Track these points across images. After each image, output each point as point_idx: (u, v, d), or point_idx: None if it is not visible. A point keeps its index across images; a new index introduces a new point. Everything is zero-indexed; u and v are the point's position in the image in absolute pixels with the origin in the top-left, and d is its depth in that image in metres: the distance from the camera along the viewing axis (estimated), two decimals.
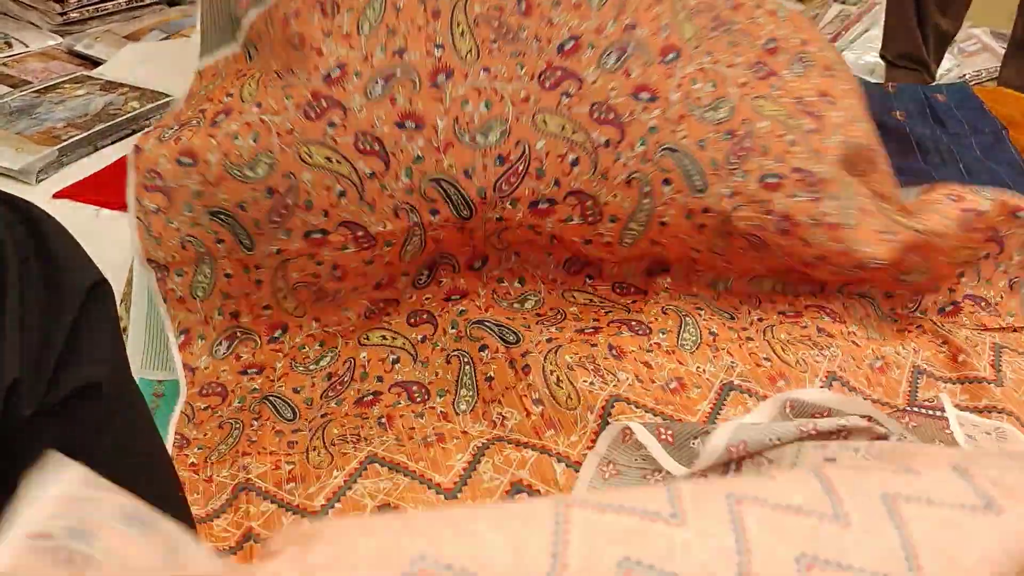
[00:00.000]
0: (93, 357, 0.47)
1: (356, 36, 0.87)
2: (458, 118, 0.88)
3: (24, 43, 1.76)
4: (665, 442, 0.75)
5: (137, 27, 1.87)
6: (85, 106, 1.47)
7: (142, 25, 1.88)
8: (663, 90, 0.90)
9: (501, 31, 0.90)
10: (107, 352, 0.49)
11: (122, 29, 1.86)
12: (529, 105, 0.90)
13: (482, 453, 0.81)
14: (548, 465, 0.80)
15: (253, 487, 0.79)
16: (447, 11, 0.89)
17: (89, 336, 0.47)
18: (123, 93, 1.52)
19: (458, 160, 0.89)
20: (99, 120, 1.43)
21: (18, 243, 0.46)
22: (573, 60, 0.89)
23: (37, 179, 1.28)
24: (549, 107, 0.90)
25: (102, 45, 1.76)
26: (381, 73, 0.87)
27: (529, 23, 0.90)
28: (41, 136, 1.36)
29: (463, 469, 0.80)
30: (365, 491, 0.78)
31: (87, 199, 1.25)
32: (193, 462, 0.83)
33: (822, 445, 0.67)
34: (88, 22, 1.87)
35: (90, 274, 0.49)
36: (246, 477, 0.80)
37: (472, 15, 0.89)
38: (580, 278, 1.03)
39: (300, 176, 0.88)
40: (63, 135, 1.37)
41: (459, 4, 0.89)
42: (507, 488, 0.78)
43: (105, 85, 1.55)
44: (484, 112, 0.89)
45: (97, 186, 1.28)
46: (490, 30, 0.90)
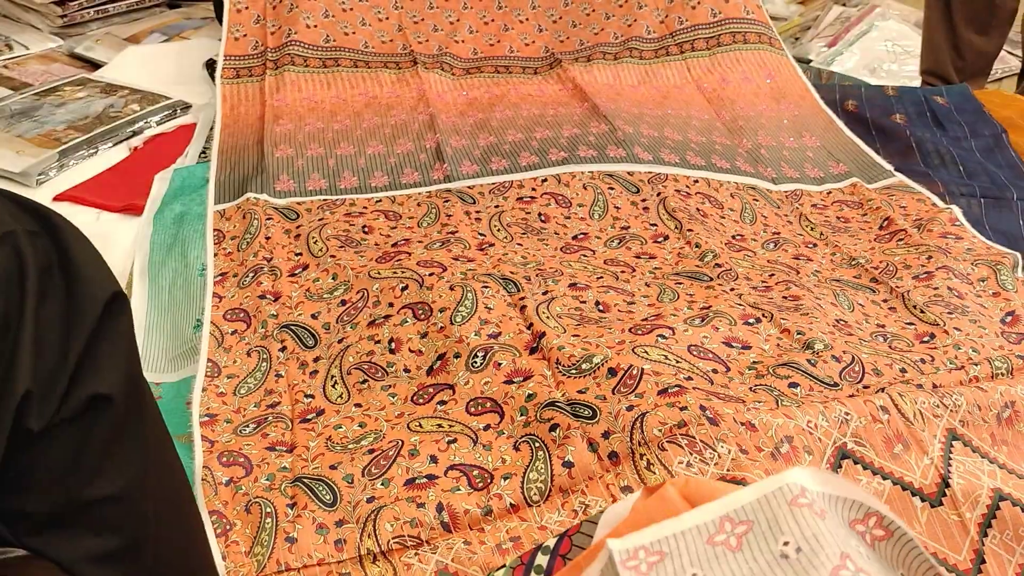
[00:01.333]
0: (107, 371, 0.47)
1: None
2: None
3: (25, 46, 1.76)
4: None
5: (137, 30, 1.87)
6: (85, 109, 1.47)
7: (142, 28, 1.88)
8: None
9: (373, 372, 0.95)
10: (121, 366, 0.48)
11: (122, 32, 1.86)
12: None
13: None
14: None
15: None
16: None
17: (105, 351, 0.47)
18: (123, 96, 1.52)
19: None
20: (99, 123, 1.43)
21: (40, 253, 0.45)
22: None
23: (37, 182, 1.28)
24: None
25: (103, 48, 1.76)
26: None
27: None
28: (42, 139, 1.37)
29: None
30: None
31: (88, 202, 1.25)
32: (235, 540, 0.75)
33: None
34: (89, 25, 1.87)
35: (109, 287, 0.48)
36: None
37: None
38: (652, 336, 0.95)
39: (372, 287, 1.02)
40: (64, 138, 1.37)
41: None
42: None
43: (105, 88, 1.55)
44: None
45: (97, 189, 1.28)
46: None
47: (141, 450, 0.51)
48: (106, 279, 0.48)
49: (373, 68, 1.57)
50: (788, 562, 0.40)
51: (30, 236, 0.45)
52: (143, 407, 0.52)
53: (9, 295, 0.43)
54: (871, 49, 1.98)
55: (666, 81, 1.61)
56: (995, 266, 1.12)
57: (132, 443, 0.50)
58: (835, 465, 0.77)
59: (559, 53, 1.66)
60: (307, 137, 1.38)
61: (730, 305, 1.00)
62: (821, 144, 1.46)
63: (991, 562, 0.73)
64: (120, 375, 0.48)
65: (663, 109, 1.52)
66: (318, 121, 1.42)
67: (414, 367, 0.94)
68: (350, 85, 1.53)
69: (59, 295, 0.45)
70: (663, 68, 1.64)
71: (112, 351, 0.47)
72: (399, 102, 1.50)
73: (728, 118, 1.51)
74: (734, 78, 1.61)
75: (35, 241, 0.45)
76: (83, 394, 0.45)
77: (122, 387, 0.48)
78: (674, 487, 0.45)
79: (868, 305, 1.05)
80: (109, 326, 0.47)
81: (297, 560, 0.72)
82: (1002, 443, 0.83)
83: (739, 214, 1.27)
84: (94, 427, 0.47)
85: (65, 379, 0.45)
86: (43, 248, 0.46)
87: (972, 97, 1.60)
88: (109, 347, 0.47)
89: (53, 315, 0.45)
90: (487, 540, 0.74)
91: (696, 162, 1.35)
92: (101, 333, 0.46)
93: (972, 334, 0.98)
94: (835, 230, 1.25)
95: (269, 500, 0.77)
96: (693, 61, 1.65)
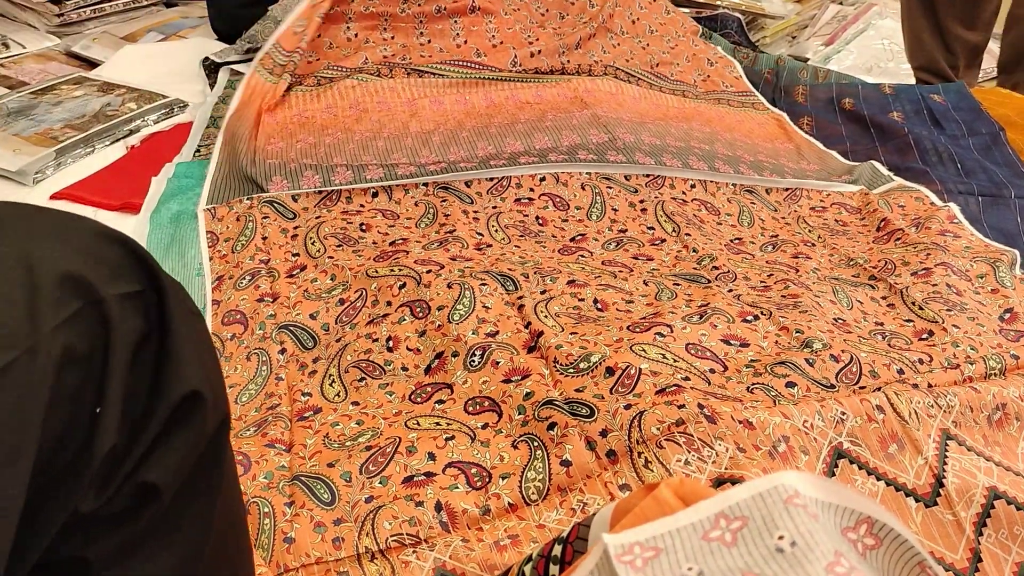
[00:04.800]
0: (162, 465, 0.42)
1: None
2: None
3: (22, 44, 1.76)
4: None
5: (134, 28, 1.87)
6: (82, 107, 1.47)
7: (139, 26, 1.88)
8: None
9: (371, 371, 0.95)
10: (178, 461, 0.43)
11: (119, 30, 1.86)
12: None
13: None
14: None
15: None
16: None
17: (168, 445, 0.42)
18: (120, 94, 1.52)
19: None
20: (96, 121, 1.42)
21: (146, 312, 0.41)
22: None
23: (34, 180, 1.28)
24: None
25: (99, 46, 1.76)
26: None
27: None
28: (39, 137, 1.36)
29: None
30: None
31: (85, 200, 1.25)
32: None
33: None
34: (86, 23, 1.87)
35: (196, 378, 0.43)
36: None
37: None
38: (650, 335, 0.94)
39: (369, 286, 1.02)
40: (61, 136, 1.37)
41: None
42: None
43: (103, 86, 1.55)
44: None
45: (94, 187, 1.28)
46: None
47: (191, 548, 0.46)
48: (199, 366, 0.44)
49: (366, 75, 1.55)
50: (783, 556, 0.39)
51: (124, 300, 0.40)
52: (199, 505, 0.46)
53: (91, 373, 0.39)
54: (868, 47, 1.98)
55: (666, 101, 1.61)
56: (993, 263, 1.12)
57: (176, 541, 0.45)
58: (831, 465, 0.77)
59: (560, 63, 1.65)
60: (299, 153, 1.35)
61: (728, 303, 1.00)
62: (820, 167, 1.46)
63: (987, 561, 0.73)
64: (173, 471, 0.43)
65: (665, 121, 1.51)
66: (310, 136, 1.40)
67: (412, 366, 0.94)
68: (341, 96, 1.50)
69: (148, 373, 0.41)
70: (659, 94, 1.64)
71: (179, 443, 0.43)
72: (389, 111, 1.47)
73: (728, 138, 1.50)
74: (730, 115, 1.62)
75: (143, 302, 0.41)
76: (136, 482, 0.41)
77: (171, 482, 0.43)
78: (669, 487, 0.45)
79: (867, 302, 1.06)
80: (185, 419, 0.43)
81: (295, 560, 0.71)
82: (994, 444, 0.83)
83: (736, 218, 1.27)
84: (135, 519, 0.42)
85: (131, 465, 0.41)
86: (150, 306, 0.41)
87: (969, 95, 1.61)
88: (177, 439, 0.42)
89: (138, 393, 0.41)
90: (485, 538, 0.74)
91: (699, 166, 1.35)
92: (175, 424, 0.42)
93: (970, 332, 0.98)
94: (833, 232, 1.25)
95: (267, 499, 0.77)
96: (690, 99, 1.66)
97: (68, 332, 0.37)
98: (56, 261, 0.38)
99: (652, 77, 1.67)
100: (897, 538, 0.46)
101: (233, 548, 0.52)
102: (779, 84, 1.72)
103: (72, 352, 0.37)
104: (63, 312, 0.37)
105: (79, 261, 0.39)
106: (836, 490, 0.49)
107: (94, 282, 0.39)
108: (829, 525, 0.46)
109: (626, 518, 0.46)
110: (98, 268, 0.40)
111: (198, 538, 0.47)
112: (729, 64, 1.75)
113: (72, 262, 0.39)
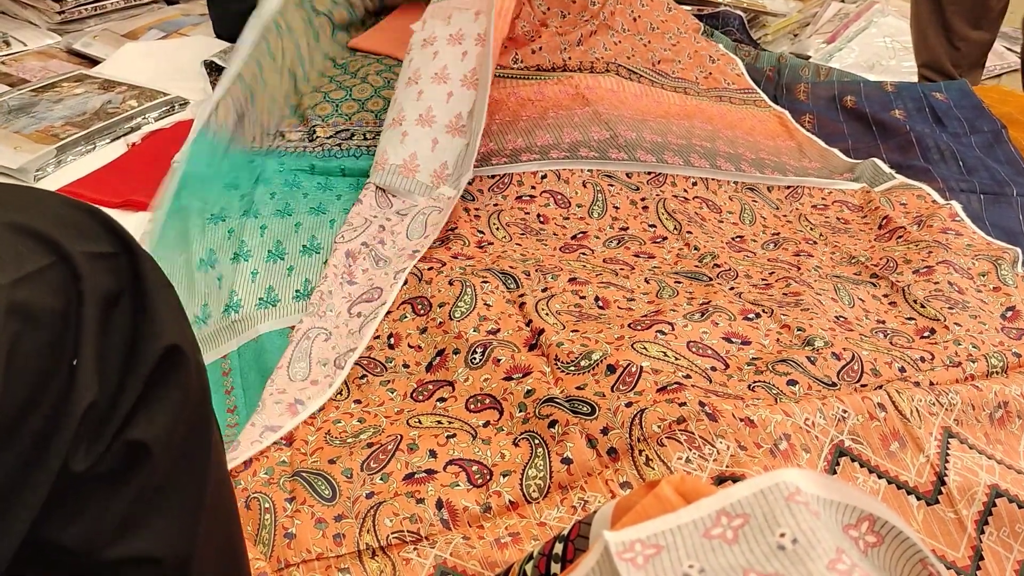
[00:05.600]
0: (152, 423, 0.42)
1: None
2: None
3: (22, 42, 1.76)
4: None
5: (135, 26, 1.87)
6: (83, 104, 1.47)
7: (140, 24, 1.88)
8: None
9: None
10: (167, 420, 0.43)
11: (120, 28, 1.86)
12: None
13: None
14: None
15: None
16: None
17: (154, 401, 0.42)
18: (121, 92, 1.52)
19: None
20: (97, 119, 1.42)
21: (117, 271, 0.41)
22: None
23: (35, 178, 1.28)
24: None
25: (100, 44, 1.76)
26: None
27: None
28: (39, 135, 1.36)
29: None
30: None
31: (85, 198, 1.24)
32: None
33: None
34: (86, 21, 1.87)
35: (175, 334, 0.43)
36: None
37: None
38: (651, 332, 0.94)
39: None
40: (61, 134, 1.37)
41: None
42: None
43: (103, 84, 1.55)
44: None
45: (95, 185, 1.28)
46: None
47: (187, 513, 0.46)
48: (175, 323, 0.44)
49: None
50: (784, 553, 0.39)
51: (93, 258, 0.40)
52: (193, 469, 0.46)
53: (64, 328, 0.38)
54: (870, 45, 1.98)
55: (667, 99, 1.60)
56: (995, 261, 1.12)
57: (172, 505, 0.45)
58: (832, 463, 0.77)
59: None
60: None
61: (729, 301, 1.00)
62: (822, 165, 1.46)
63: (989, 559, 0.73)
64: (163, 430, 0.43)
65: (667, 118, 1.51)
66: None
67: (413, 363, 0.94)
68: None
69: (124, 329, 0.41)
70: (661, 91, 1.63)
71: (165, 401, 0.43)
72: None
73: (730, 136, 1.49)
74: (732, 113, 1.61)
75: (117, 264, 0.41)
76: (125, 440, 0.41)
77: (163, 442, 0.43)
78: (670, 485, 0.45)
79: (869, 300, 1.05)
80: (168, 375, 0.43)
81: (296, 556, 0.71)
82: (996, 443, 0.83)
83: (738, 215, 1.26)
84: (129, 480, 0.42)
85: (118, 421, 0.41)
86: (122, 267, 0.42)
87: (971, 93, 1.60)
88: (159, 398, 0.42)
89: (115, 348, 0.41)
90: (486, 536, 0.74)
91: (700, 164, 1.35)
92: (157, 381, 0.42)
93: (972, 330, 0.98)
94: (835, 230, 1.25)
95: (268, 495, 0.77)
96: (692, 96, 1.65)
97: (32, 286, 0.37)
98: (21, 223, 0.39)
99: (654, 74, 1.66)
100: (899, 536, 0.45)
101: (224, 515, 0.52)
102: (781, 82, 1.72)
103: (35, 307, 0.37)
104: (27, 266, 0.38)
105: (46, 223, 0.40)
106: (837, 487, 0.49)
107: (60, 240, 0.39)
108: (831, 522, 0.46)
109: (627, 516, 0.46)
110: (65, 229, 0.40)
111: (193, 502, 0.47)
112: (731, 61, 1.75)
113: (38, 223, 0.39)
